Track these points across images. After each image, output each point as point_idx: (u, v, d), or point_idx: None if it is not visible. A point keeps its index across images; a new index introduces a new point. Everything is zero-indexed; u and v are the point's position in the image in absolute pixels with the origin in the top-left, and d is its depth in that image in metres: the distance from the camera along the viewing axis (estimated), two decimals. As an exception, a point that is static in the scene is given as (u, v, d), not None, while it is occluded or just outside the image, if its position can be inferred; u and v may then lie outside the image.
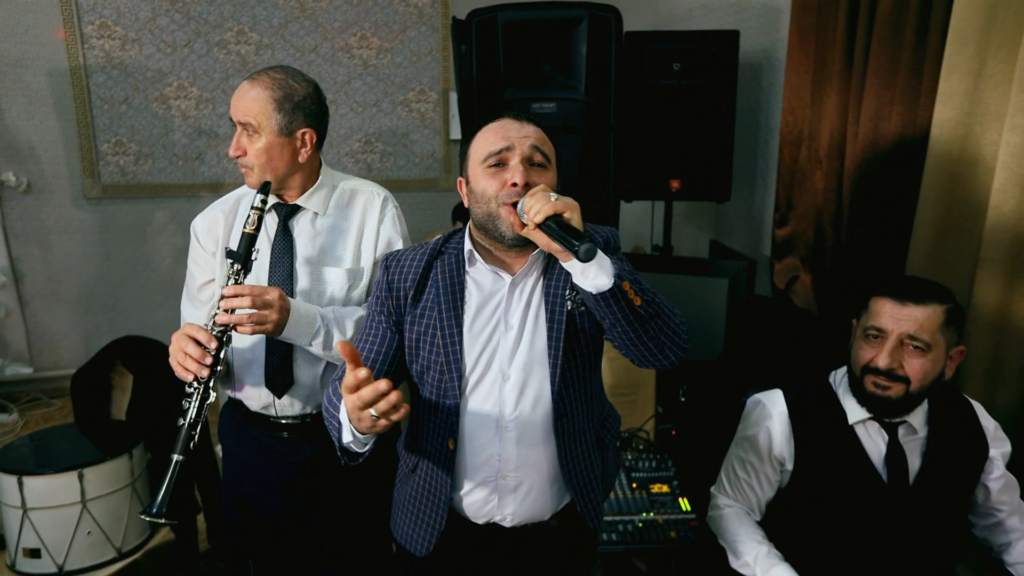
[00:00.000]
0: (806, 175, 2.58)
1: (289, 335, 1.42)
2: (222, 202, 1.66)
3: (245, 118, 1.47)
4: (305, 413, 1.57)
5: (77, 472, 1.79)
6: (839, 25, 2.35)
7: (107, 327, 4.14)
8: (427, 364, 1.30)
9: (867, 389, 1.41)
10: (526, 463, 1.28)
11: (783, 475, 1.50)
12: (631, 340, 1.17)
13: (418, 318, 1.31)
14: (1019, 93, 1.75)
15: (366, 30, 4.31)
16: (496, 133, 1.26)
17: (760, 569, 1.42)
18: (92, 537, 1.83)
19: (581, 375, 1.29)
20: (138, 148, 4.06)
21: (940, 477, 1.41)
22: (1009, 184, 1.79)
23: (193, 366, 1.33)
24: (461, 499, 1.33)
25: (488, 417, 1.27)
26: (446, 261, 1.32)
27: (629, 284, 1.12)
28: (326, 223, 1.58)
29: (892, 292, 1.39)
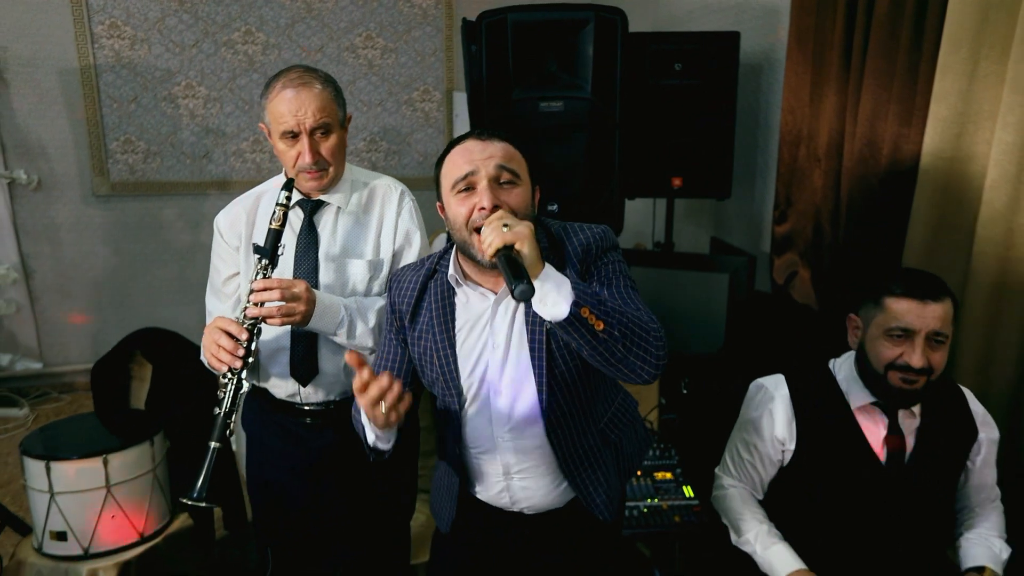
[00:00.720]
0: (805, 173, 2.65)
1: (315, 325, 1.48)
2: (243, 198, 1.71)
3: (323, 119, 1.51)
4: (329, 400, 1.63)
5: (102, 458, 1.85)
6: (837, 27, 2.41)
7: (115, 323, 4.19)
8: (432, 381, 1.38)
9: (893, 384, 1.45)
10: (528, 466, 1.35)
11: (784, 455, 1.57)
12: (598, 362, 1.17)
13: (416, 340, 1.37)
14: (1011, 93, 1.82)
15: (371, 30, 4.38)
16: (462, 157, 1.27)
17: (760, 546, 1.49)
18: (116, 520, 1.89)
19: (571, 387, 1.31)
20: (147, 146, 4.12)
21: (932, 458, 1.48)
22: (1001, 180, 1.86)
23: (227, 358, 1.39)
24: (478, 494, 1.41)
25: (485, 428, 1.34)
26: (438, 282, 1.37)
27: (588, 310, 1.10)
28: (347, 217, 1.64)
29: (911, 292, 1.43)
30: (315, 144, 1.52)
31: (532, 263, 1.11)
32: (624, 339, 1.13)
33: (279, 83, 1.53)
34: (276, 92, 1.52)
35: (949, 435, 1.50)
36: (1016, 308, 1.87)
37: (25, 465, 1.86)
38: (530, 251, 1.11)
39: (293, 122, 1.49)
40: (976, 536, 1.52)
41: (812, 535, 1.51)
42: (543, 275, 1.12)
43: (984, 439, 1.51)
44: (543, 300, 1.11)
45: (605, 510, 1.38)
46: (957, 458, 1.51)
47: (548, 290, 1.10)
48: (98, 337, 4.21)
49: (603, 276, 1.29)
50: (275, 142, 1.56)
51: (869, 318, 1.51)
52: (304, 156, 1.51)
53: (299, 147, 1.52)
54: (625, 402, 1.51)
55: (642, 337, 1.16)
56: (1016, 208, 1.86)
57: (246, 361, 1.40)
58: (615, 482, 1.42)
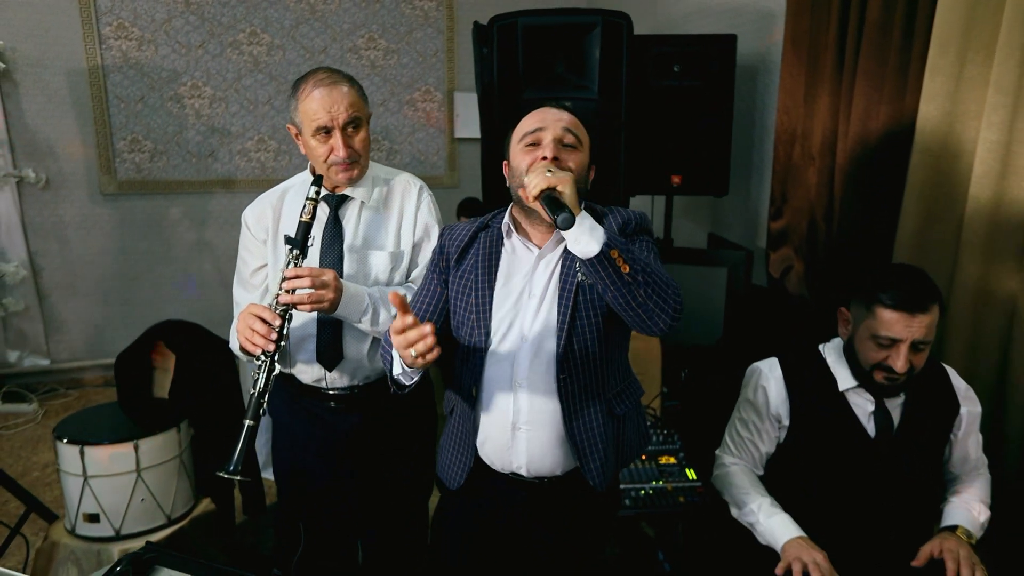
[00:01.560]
0: (800, 171, 2.76)
1: (342, 313, 1.57)
2: (269, 194, 1.79)
3: (355, 114, 1.61)
4: (353, 384, 1.71)
5: (133, 443, 1.92)
6: (831, 30, 2.52)
7: (121, 320, 4.25)
8: (462, 320, 1.48)
9: (877, 381, 1.56)
10: (536, 418, 1.43)
11: (781, 432, 1.67)
12: (620, 305, 1.28)
13: (458, 279, 1.49)
14: (995, 94, 1.93)
15: (374, 32, 4.46)
16: (535, 116, 1.43)
17: (763, 515, 1.58)
18: (145, 504, 1.96)
19: (587, 343, 1.41)
20: (153, 146, 4.18)
21: (918, 430, 1.59)
22: (986, 176, 1.97)
23: (260, 341, 1.47)
24: (483, 445, 1.50)
25: (505, 372, 1.44)
26: (489, 233, 1.50)
27: (617, 252, 1.22)
28: (370, 211, 1.73)
29: (899, 305, 1.50)
30: (348, 138, 1.61)
31: (571, 205, 1.22)
32: (646, 285, 1.25)
33: (308, 84, 1.61)
34: (307, 92, 1.60)
35: (933, 410, 1.61)
36: (1000, 298, 1.98)
37: (59, 450, 1.94)
38: (570, 193, 1.23)
39: (327, 118, 1.58)
40: (958, 500, 1.63)
41: (807, 508, 1.60)
42: (581, 216, 1.23)
43: (966, 413, 1.62)
44: (577, 239, 1.23)
45: (597, 476, 1.46)
46: (941, 431, 1.61)
47: (583, 230, 1.22)
48: (105, 334, 4.27)
49: (636, 248, 1.42)
50: (307, 140, 1.64)
51: (859, 319, 1.60)
52: (339, 150, 1.60)
53: (332, 142, 1.60)
54: (634, 387, 1.60)
55: (663, 288, 1.27)
56: (1000, 203, 1.97)
57: (278, 345, 1.48)
58: (611, 456, 1.50)
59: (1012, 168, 1.94)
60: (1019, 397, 1.92)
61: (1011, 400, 1.94)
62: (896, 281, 1.53)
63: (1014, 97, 1.90)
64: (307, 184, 1.73)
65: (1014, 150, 1.93)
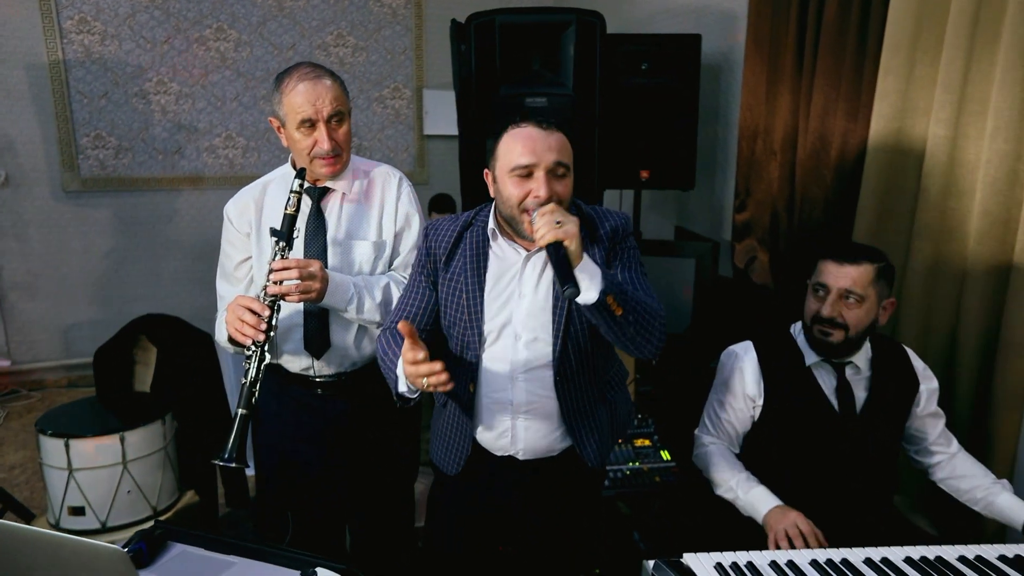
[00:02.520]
0: (762, 165, 2.88)
1: (328, 302, 1.62)
2: (251, 188, 1.81)
3: (338, 107, 1.64)
4: (340, 372, 1.76)
5: (119, 435, 1.93)
6: (790, 31, 2.65)
7: (87, 321, 4.18)
8: (453, 320, 1.53)
9: (815, 335, 1.71)
10: (534, 408, 1.51)
11: (755, 410, 1.78)
12: (611, 337, 1.39)
13: (448, 281, 1.53)
14: (942, 92, 2.07)
15: (342, 29, 4.47)
16: (524, 145, 1.42)
17: (742, 491, 1.68)
18: (131, 496, 1.97)
19: (582, 346, 1.49)
20: (117, 142, 4.12)
21: (881, 407, 1.71)
22: (934, 169, 2.11)
23: (251, 332, 1.50)
24: (481, 433, 1.56)
25: (503, 368, 1.50)
26: (474, 233, 1.54)
27: (613, 298, 1.29)
28: (351, 203, 1.76)
29: (832, 254, 1.69)
30: (331, 131, 1.65)
31: (576, 256, 1.30)
32: (636, 324, 1.35)
33: (293, 78, 1.64)
34: (292, 86, 1.63)
35: (894, 387, 1.73)
36: (949, 281, 2.12)
37: (42, 444, 1.93)
38: (576, 247, 1.29)
39: (312, 110, 1.61)
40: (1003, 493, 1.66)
41: (782, 479, 1.71)
42: (582, 266, 1.31)
43: (924, 389, 1.75)
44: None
45: (594, 457, 1.56)
46: (902, 407, 1.74)
47: (583, 278, 1.30)
48: (69, 334, 4.19)
49: (624, 259, 1.50)
50: (290, 133, 1.67)
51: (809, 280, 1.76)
52: (323, 143, 1.63)
53: (316, 135, 1.64)
54: (620, 369, 1.69)
55: (650, 323, 1.37)
56: (947, 194, 2.11)
57: (268, 334, 1.52)
58: (607, 435, 1.60)
59: (958, 161, 2.08)
60: (966, 375, 2.06)
61: (959, 378, 2.08)
62: (840, 240, 1.69)
63: (959, 95, 2.04)
64: (288, 177, 1.77)
65: (960, 144, 2.07)
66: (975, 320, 2.04)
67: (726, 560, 1.23)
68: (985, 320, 2.03)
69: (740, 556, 1.24)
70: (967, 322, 2.06)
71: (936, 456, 1.77)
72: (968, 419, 2.04)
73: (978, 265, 2.02)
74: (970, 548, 1.29)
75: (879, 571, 1.21)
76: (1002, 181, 1.95)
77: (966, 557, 1.26)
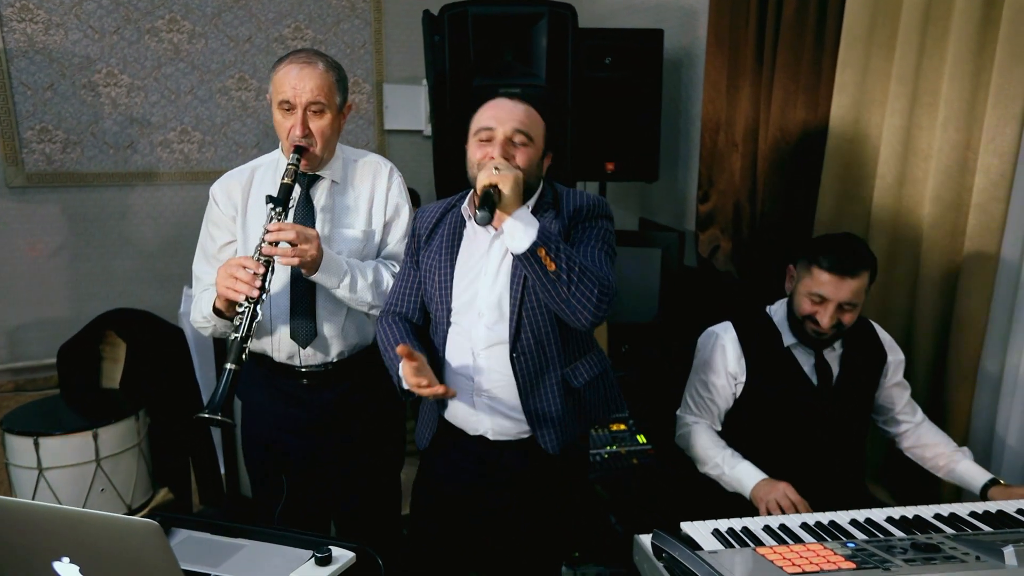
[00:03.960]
0: (724, 157, 2.98)
1: (321, 277, 1.60)
2: (238, 172, 1.79)
3: (316, 98, 1.61)
4: (327, 361, 1.74)
5: (92, 432, 1.87)
6: (750, 27, 2.74)
7: (34, 322, 4.01)
8: (430, 296, 1.59)
9: (807, 331, 1.76)
10: (495, 388, 1.54)
11: (737, 388, 1.84)
12: (546, 298, 1.41)
13: (426, 258, 1.59)
14: (896, 84, 2.19)
15: (300, 22, 4.40)
16: (490, 110, 1.51)
17: (728, 467, 1.75)
18: (105, 494, 1.91)
19: (537, 322, 1.50)
20: (65, 136, 3.96)
21: (854, 379, 1.80)
22: (891, 158, 2.22)
23: (244, 288, 1.47)
24: (450, 410, 1.60)
25: (465, 345, 1.55)
26: (455, 214, 1.59)
27: (545, 251, 1.33)
28: (341, 190, 1.76)
29: (833, 267, 1.69)
30: (307, 119, 1.62)
31: (509, 202, 1.34)
32: (570, 284, 1.36)
33: (287, 59, 1.65)
34: (283, 66, 1.64)
35: (864, 360, 1.82)
36: (905, 263, 2.23)
37: (9, 443, 1.86)
38: (510, 192, 1.33)
39: (291, 93, 1.61)
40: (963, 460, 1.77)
41: (764, 452, 1.78)
42: (517, 214, 1.35)
43: (892, 361, 1.85)
44: (512, 234, 1.35)
45: (550, 443, 1.55)
46: (872, 378, 1.84)
47: (516, 226, 1.34)
48: (15, 336, 4.01)
49: (584, 236, 1.51)
50: (274, 112, 1.67)
51: (800, 276, 1.79)
52: (295, 128, 1.62)
53: (293, 119, 1.62)
54: (595, 359, 1.67)
55: (587, 286, 1.37)
56: (903, 180, 2.22)
57: (262, 291, 1.49)
58: (571, 423, 1.59)
59: (912, 149, 2.20)
60: (923, 352, 2.18)
61: (916, 355, 2.20)
62: (835, 247, 1.73)
63: (912, 87, 2.16)
64: (277, 163, 1.76)
65: (913, 134, 2.19)
66: (930, 301, 2.15)
67: (722, 526, 1.28)
68: (939, 300, 2.14)
69: (735, 522, 1.30)
70: (922, 302, 2.17)
71: (903, 425, 1.87)
72: (925, 394, 2.15)
73: (932, 249, 2.13)
74: (943, 507, 1.38)
75: (864, 530, 1.28)
76: (953, 168, 2.07)
77: (940, 514, 1.35)
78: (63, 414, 1.97)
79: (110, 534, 0.80)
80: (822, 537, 1.21)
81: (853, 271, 1.70)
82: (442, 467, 1.66)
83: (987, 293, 2.01)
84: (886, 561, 1.02)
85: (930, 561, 1.01)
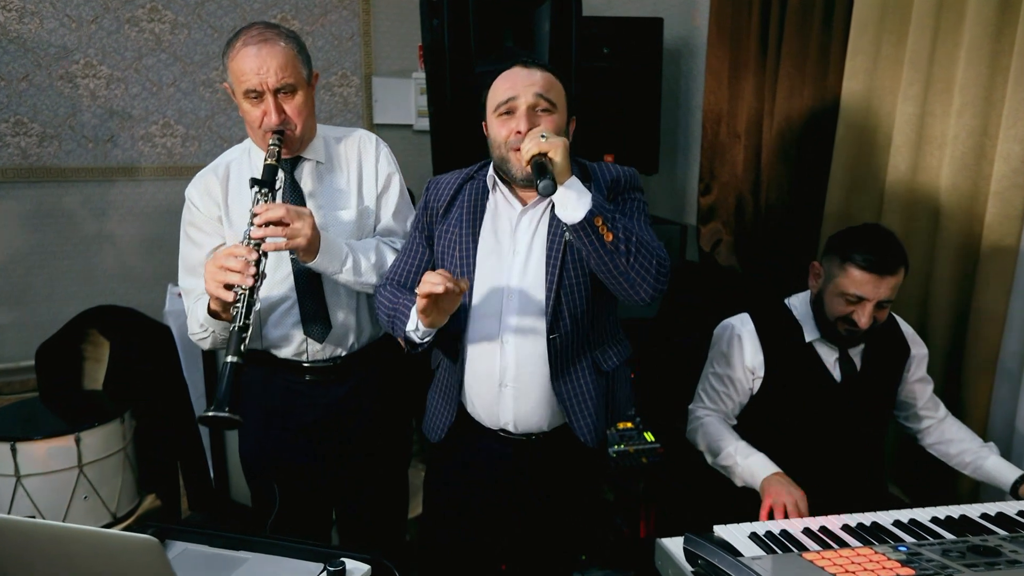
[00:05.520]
0: (726, 148, 2.91)
1: (321, 262, 1.47)
2: (211, 169, 1.65)
3: (285, 80, 1.47)
4: (336, 356, 1.63)
5: (74, 436, 1.76)
6: (753, 13, 2.67)
7: (11, 321, 3.86)
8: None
9: (840, 332, 1.68)
10: (523, 375, 1.43)
11: (755, 383, 1.77)
12: (602, 272, 1.30)
13: (444, 233, 1.47)
14: (910, 71, 2.13)
15: (286, 12, 4.28)
16: (506, 82, 1.41)
17: (740, 457, 1.67)
18: (89, 502, 1.80)
19: (576, 301, 1.42)
20: (42, 129, 3.81)
21: (876, 374, 1.74)
22: (903, 146, 2.17)
23: (236, 277, 1.32)
24: (472, 402, 1.49)
25: (491, 330, 1.43)
26: (474, 185, 1.48)
27: (602, 220, 1.24)
28: (327, 169, 1.64)
29: (871, 266, 1.60)
30: (279, 104, 1.49)
31: (561, 170, 1.25)
32: (628, 254, 1.27)
33: (239, 41, 1.49)
34: (237, 50, 1.48)
35: (888, 354, 1.76)
36: (920, 254, 2.17)
37: (-16, 450, 1.74)
38: (561, 159, 1.25)
39: (256, 81, 1.46)
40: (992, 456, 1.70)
41: (781, 449, 1.71)
42: (569, 182, 1.26)
43: (915, 354, 1.79)
44: (564, 204, 1.25)
45: (588, 433, 1.47)
46: (895, 373, 1.77)
47: (570, 196, 1.25)
48: (-11, 337, 3.86)
49: (626, 208, 1.43)
50: (239, 102, 1.53)
51: (831, 273, 1.69)
52: (270, 116, 1.48)
53: (264, 107, 1.48)
54: (622, 345, 1.61)
55: (646, 257, 1.29)
56: (916, 169, 2.17)
57: (256, 279, 1.34)
58: (602, 412, 1.51)
59: (926, 138, 2.14)
60: (938, 345, 2.12)
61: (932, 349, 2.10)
62: (869, 243, 1.63)
63: (926, 73, 2.10)
64: (250, 152, 1.64)
65: (927, 122, 2.13)
66: (946, 292, 2.10)
67: (759, 529, 1.20)
68: (956, 292, 2.09)
69: (771, 524, 1.22)
70: (938, 294, 2.11)
71: (925, 421, 1.81)
72: (942, 387, 2.09)
73: (948, 238, 2.08)
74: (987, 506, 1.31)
75: (910, 532, 1.21)
76: (970, 156, 2.01)
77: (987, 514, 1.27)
78: (42, 417, 1.85)
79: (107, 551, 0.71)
80: (868, 540, 1.14)
81: (892, 268, 1.61)
82: (460, 461, 1.56)
83: (1007, 284, 1.96)
84: (946, 567, 0.94)
85: (994, 566, 0.94)
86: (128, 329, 2.10)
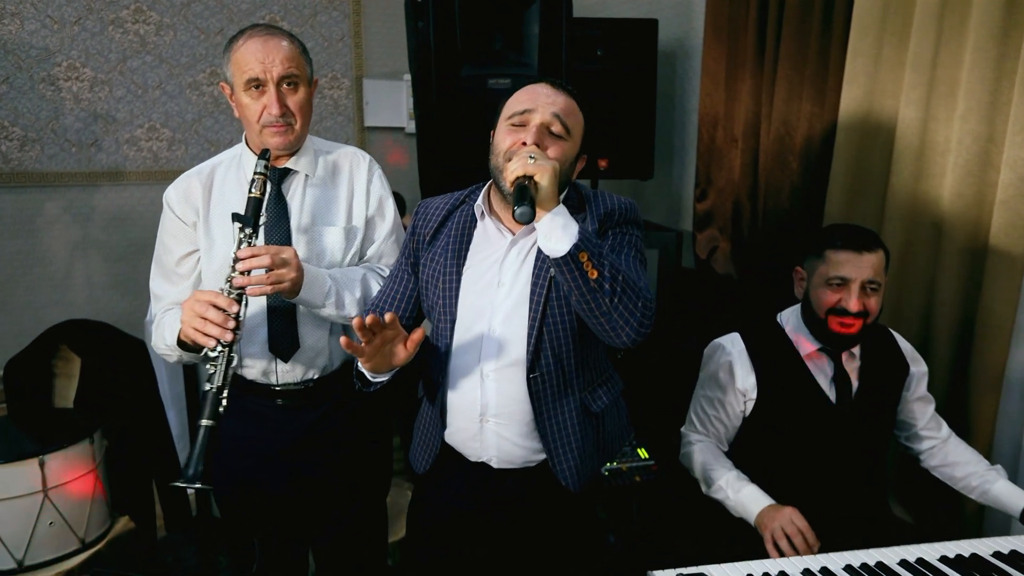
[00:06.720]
0: (723, 153, 2.84)
1: (304, 297, 1.42)
2: (196, 171, 1.61)
3: (290, 70, 1.46)
4: (307, 379, 1.56)
5: (38, 459, 1.68)
6: (751, 15, 2.60)
7: (-9, 330, 3.77)
8: (432, 304, 1.40)
9: (832, 329, 1.60)
10: (504, 412, 1.37)
11: (747, 405, 1.69)
12: (583, 311, 1.22)
13: (429, 261, 1.40)
14: (912, 73, 2.05)
15: (275, 13, 4.19)
16: (528, 94, 1.33)
17: (732, 491, 1.59)
18: (54, 528, 1.72)
19: (559, 340, 1.34)
20: (23, 132, 3.72)
21: (874, 393, 1.66)
22: (906, 151, 2.09)
23: (216, 331, 1.30)
24: (452, 435, 1.43)
25: (472, 364, 1.36)
26: (463, 212, 1.41)
27: (587, 256, 1.16)
28: (316, 185, 1.59)
29: (848, 244, 1.59)
30: (282, 96, 1.47)
31: (546, 197, 1.16)
32: (613, 294, 1.18)
33: (244, 35, 1.49)
34: (241, 43, 1.47)
35: (886, 372, 1.68)
36: (922, 264, 2.10)
37: (-58, 474, 1.66)
38: (547, 185, 1.16)
39: (260, 69, 1.44)
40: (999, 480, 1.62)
41: (774, 474, 1.63)
42: (555, 211, 1.17)
43: (915, 372, 1.71)
44: (548, 235, 1.17)
45: (570, 477, 1.39)
46: (894, 392, 1.69)
47: (555, 226, 1.16)
48: (-30, 346, 3.76)
49: (617, 243, 1.35)
50: (239, 97, 1.49)
51: (812, 269, 1.66)
52: (271, 107, 1.46)
53: (265, 99, 1.46)
54: (613, 381, 1.54)
55: (631, 299, 1.20)
56: (919, 176, 2.09)
57: (236, 333, 1.32)
58: (591, 456, 1.44)
59: (929, 143, 2.06)
60: (942, 359, 2.05)
61: (934, 363, 2.05)
62: (843, 228, 1.64)
63: (929, 76, 2.02)
64: (240, 159, 1.59)
65: (930, 127, 2.05)
66: (949, 304, 2.02)
67: (756, 570, 1.12)
68: (960, 304, 2.01)
69: (768, 565, 1.14)
70: (941, 306, 2.04)
71: (927, 442, 1.73)
72: (946, 403, 2.02)
73: (951, 248, 2.00)
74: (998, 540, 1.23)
75: (917, 573, 1.13)
76: (974, 163, 1.94)
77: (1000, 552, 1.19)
78: (6, 438, 1.77)
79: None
80: (872, 582, 1.06)
81: (870, 245, 1.60)
82: (442, 494, 1.49)
83: (1014, 296, 1.88)
84: (958, 618, 0.87)
85: (1010, 617, 0.86)
86: (101, 344, 2.02)
